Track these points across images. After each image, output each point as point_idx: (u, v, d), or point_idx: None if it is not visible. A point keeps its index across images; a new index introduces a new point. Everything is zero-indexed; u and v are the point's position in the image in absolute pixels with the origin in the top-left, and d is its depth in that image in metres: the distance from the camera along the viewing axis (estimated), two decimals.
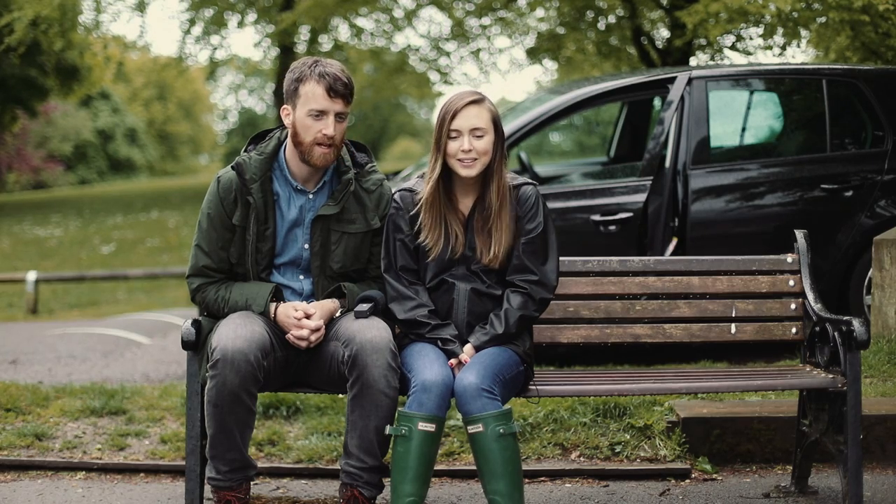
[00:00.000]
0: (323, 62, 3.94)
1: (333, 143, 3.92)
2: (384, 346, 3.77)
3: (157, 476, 4.84)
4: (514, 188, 3.96)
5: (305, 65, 3.94)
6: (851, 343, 3.97)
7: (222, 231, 4.00)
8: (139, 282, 14.74)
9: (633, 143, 8.84)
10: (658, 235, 6.56)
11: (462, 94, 3.91)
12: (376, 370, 3.75)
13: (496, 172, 3.90)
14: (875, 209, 6.66)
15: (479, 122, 3.86)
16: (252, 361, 3.74)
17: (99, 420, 5.38)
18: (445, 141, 3.87)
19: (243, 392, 3.75)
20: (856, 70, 7.01)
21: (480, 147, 3.85)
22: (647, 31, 14.39)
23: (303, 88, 3.90)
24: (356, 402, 3.79)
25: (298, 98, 3.92)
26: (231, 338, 3.75)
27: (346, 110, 3.94)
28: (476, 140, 3.85)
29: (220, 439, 3.83)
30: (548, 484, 4.68)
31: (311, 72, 3.90)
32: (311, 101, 3.89)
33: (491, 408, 3.66)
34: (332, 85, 3.88)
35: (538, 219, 3.92)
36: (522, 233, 3.92)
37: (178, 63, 22.24)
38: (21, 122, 30.22)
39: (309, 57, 4.04)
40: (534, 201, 3.93)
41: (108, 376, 7.09)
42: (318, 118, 3.90)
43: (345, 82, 3.90)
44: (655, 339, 4.38)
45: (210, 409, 3.79)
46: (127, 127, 42.35)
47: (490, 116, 3.89)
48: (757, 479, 4.69)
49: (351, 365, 3.78)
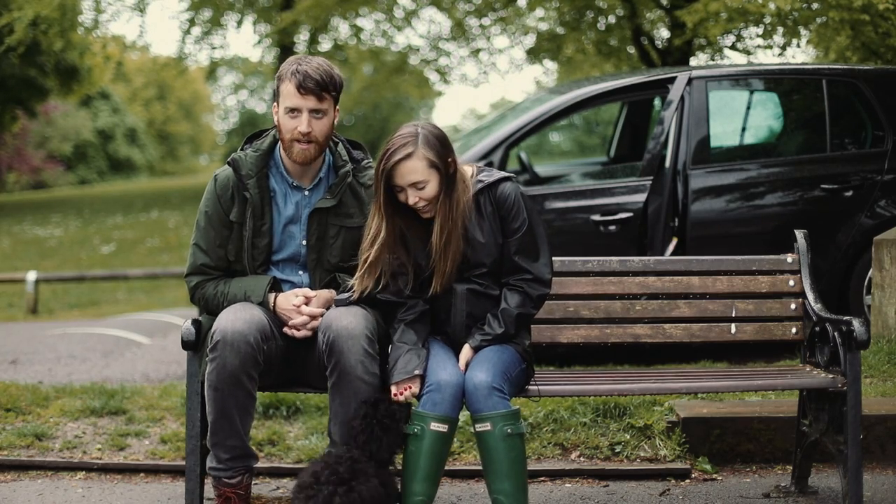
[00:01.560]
0: (304, 60, 3.94)
1: (313, 140, 3.92)
2: (359, 332, 3.76)
3: (157, 476, 4.84)
4: (491, 187, 3.88)
5: (288, 63, 3.97)
6: (851, 343, 3.96)
7: (220, 228, 4.02)
8: (139, 282, 14.74)
9: (633, 143, 8.84)
10: (658, 235, 6.55)
11: (392, 149, 3.74)
12: (352, 357, 3.74)
13: (448, 198, 3.79)
14: (875, 209, 6.66)
15: (415, 177, 3.74)
16: (252, 343, 3.74)
17: (99, 420, 5.38)
18: (389, 196, 3.78)
19: (243, 374, 3.75)
20: (856, 70, 7.00)
21: (427, 195, 3.77)
22: (647, 31, 14.39)
23: (281, 87, 3.94)
24: (335, 390, 3.80)
25: (279, 97, 3.96)
26: (231, 320, 3.77)
27: (322, 106, 3.92)
28: (420, 191, 3.76)
29: (221, 424, 3.83)
30: (548, 484, 4.68)
31: (288, 70, 3.92)
32: (286, 99, 3.92)
33: (501, 407, 3.66)
34: (301, 82, 3.87)
35: (521, 216, 3.85)
36: (508, 233, 3.86)
37: (177, 63, 22.24)
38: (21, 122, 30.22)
39: (297, 55, 4.06)
40: (514, 199, 3.86)
41: (108, 376, 7.09)
42: (294, 116, 3.91)
43: (316, 80, 3.87)
44: (655, 339, 4.38)
45: (210, 392, 3.79)
46: (127, 127, 42.35)
47: (426, 164, 3.73)
48: (757, 479, 4.69)
49: (328, 353, 3.79)
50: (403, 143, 3.75)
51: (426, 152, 3.74)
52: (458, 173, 3.84)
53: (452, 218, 3.78)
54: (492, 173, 3.93)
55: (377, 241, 3.81)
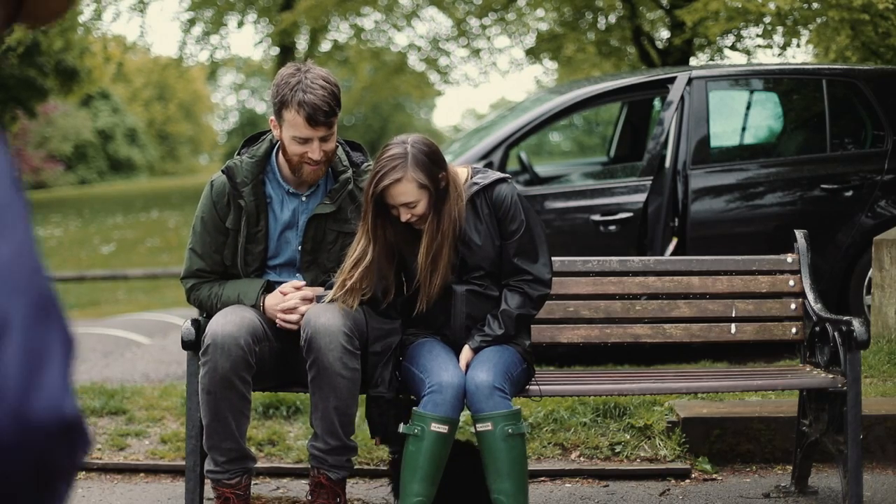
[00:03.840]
0: (304, 81, 3.76)
1: (323, 162, 3.89)
2: (336, 328, 3.75)
3: (157, 476, 4.84)
4: (487, 189, 3.86)
5: (288, 85, 3.78)
6: (851, 343, 3.96)
7: (216, 234, 4.01)
8: (139, 282, 14.75)
9: (633, 143, 8.84)
10: (658, 235, 6.55)
11: (381, 173, 3.69)
12: (330, 353, 3.74)
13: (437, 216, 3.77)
14: (875, 209, 6.66)
15: (406, 199, 3.71)
16: (242, 346, 3.74)
17: (99, 420, 5.38)
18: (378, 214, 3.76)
19: (235, 377, 3.75)
20: (856, 70, 7.00)
21: (419, 212, 3.75)
22: (647, 31, 14.38)
23: (286, 113, 3.79)
24: (315, 384, 3.80)
25: (283, 121, 3.83)
26: (221, 324, 3.77)
27: (332, 131, 3.84)
28: (412, 209, 3.74)
29: (216, 428, 3.84)
30: (548, 484, 4.68)
31: (293, 97, 3.75)
32: (293, 129, 3.79)
33: (502, 407, 3.66)
34: (311, 116, 3.74)
35: (519, 217, 3.84)
36: (506, 235, 3.85)
37: (178, 63, 22.24)
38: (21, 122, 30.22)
39: (294, 66, 3.88)
40: (510, 201, 3.84)
41: (108, 376, 7.09)
42: (303, 143, 3.82)
43: (326, 111, 3.75)
44: (655, 339, 4.38)
45: (204, 396, 3.80)
46: (127, 127, 42.33)
47: (416, 186, 3.69)
48: (757, 479, 4.69)
49: (307, 349, 3.79)
50: (393, 167, 3.68)
51: (416, 175, 3.68)
52: (451, 184, 3.80)
53: (442, 232, 3.76)
54: (487, 175, 3.90)
55: (360, 264, 3.77)
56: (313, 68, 3.86)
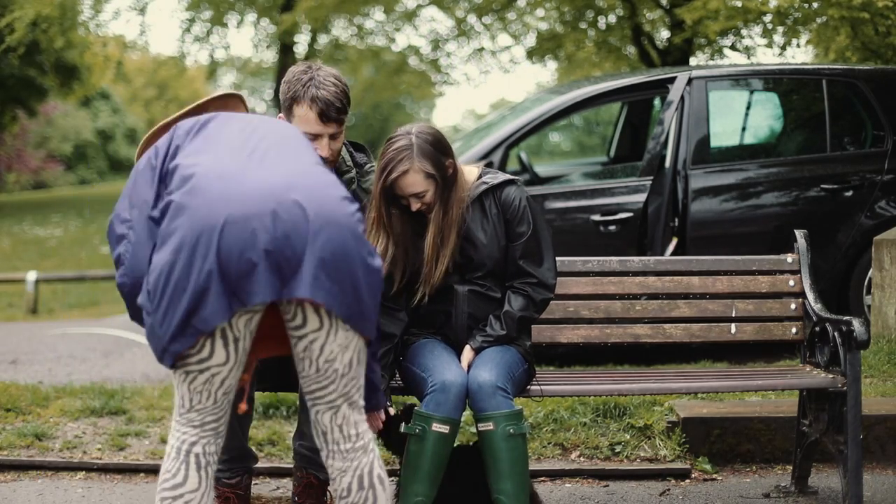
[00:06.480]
0: (317, 78, 3.77)
1: (330, 159, 3.90)
2: None
3: (156, 476, 4.82)
4: (496, 189, 3.88)
5: (300, 82, 3.79)
6: (851, 343, 3.96)
7: None
8: None
9: (633, 143, 8.85)
10: (658, 235, 6.55)
11: (389, 167, 3.72)
12: None
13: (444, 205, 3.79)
14: (875, 209, 6.66)
15: (414, 189, 3.74)
16: None
17: (99, 420, 5.38)
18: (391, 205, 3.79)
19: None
20: (856, 70, 7.01)
21: (429, 200, 3.77)
22: (647, 31, 14.38)
23: (296, 109, 3.78)
24: None
25: (292, 116, 3.82)
26: None
27: (341, 128, 3.84)
28: (421, 198, 3.76)
29: None
30: (548, 484, 4.68)
31: (305, 92, 3.75)
32: (304, 125, 3.77)
33: (504, 407, 3.65)
34: (324, 111, 3.74)
35: (527, 220, 3.85)
36: (513, 237, 3.85)
37: (177, 63, 22.24)
38: (21, 122, 30.22)
39: (304, 65, 3.88)
40: (519, 202, 3.85)
41: (108, 376, 7.09)
42: (312, 140, 3.79)
43: (338, 107, 3.76)
44: (655, 339, 4.38)
45: None
46: (127, 127, 42.33)
47: (422, 176, 3.72)
48: (757, 479, 4.69)
49: None
50: (400, 159, 3.71)
51: (422, 164, 3.71)
52: (458, 173, 3.83)
53: (450, 218, 3.78)
54: (496, 175, 3.92)
55: (386, 260, 3.77)
56: (324, 67, 3.88)
